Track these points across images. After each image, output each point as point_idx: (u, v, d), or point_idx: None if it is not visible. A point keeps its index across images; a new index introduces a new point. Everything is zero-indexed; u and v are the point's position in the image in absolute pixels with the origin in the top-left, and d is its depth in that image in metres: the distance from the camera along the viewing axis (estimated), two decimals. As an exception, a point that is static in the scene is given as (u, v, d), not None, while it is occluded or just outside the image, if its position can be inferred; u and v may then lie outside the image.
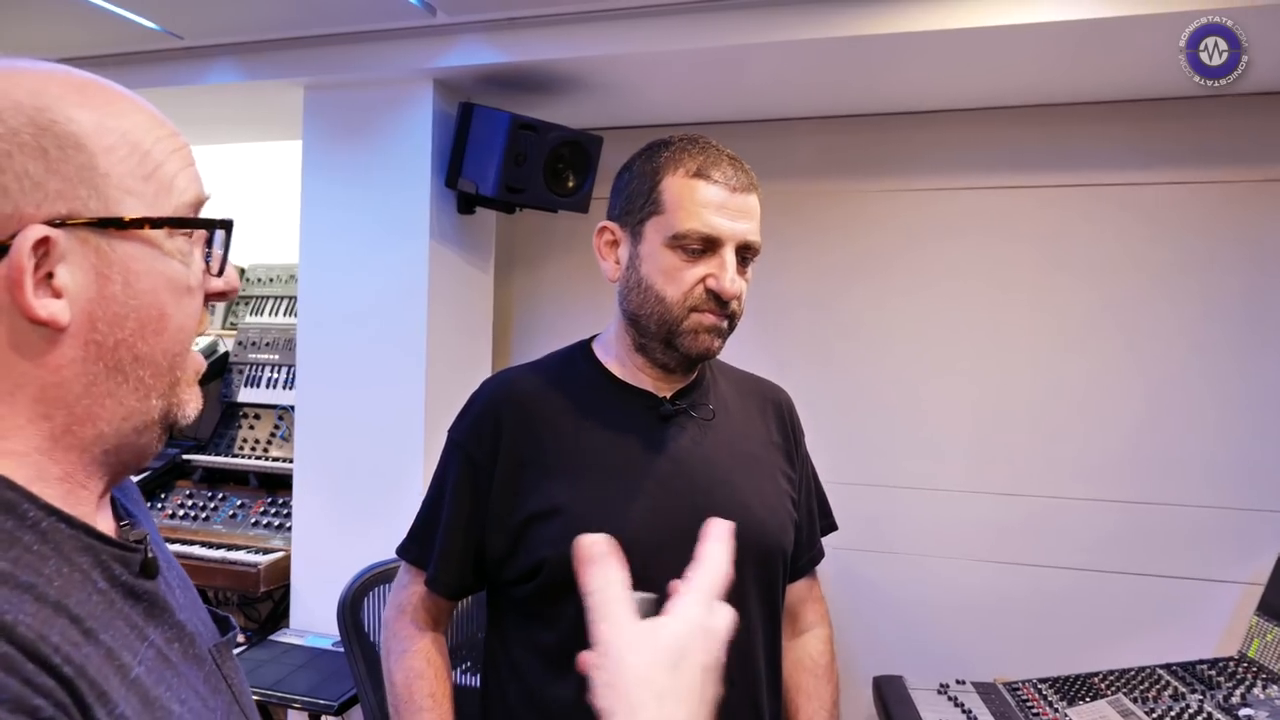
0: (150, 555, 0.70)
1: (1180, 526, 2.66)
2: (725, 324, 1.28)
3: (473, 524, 1.32)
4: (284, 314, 3.26)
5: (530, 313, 3.28)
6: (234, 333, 3.27)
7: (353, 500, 2.75)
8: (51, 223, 0.64)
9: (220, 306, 3.37)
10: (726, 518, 1.27)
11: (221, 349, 3.25)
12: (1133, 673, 2.51)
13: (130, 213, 0.68)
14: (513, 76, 2.61)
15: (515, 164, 2.56)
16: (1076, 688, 2.47)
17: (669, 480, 1.29)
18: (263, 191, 3.53)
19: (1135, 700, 2.31)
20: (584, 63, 2.51)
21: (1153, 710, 2.25)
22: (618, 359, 1.37)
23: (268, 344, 3.18)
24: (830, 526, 1.52)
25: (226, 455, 3.11)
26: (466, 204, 2.75)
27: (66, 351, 0.66)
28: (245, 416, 3.17)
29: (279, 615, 3.05)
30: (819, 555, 1.49)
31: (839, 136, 2.90)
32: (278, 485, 3.06)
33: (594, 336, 1.44)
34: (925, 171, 2.83)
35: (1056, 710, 2.35)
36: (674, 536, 1.27)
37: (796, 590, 1.46)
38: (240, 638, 2.81)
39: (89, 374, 0.67)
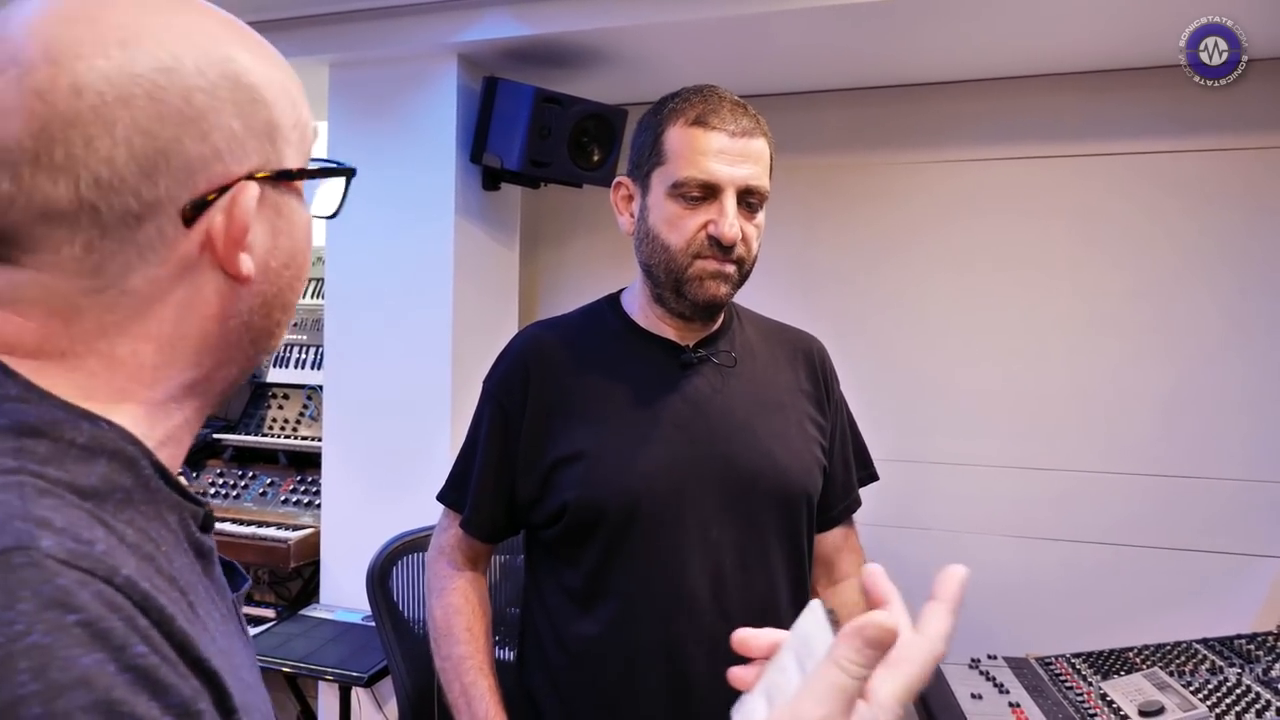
0: (209, 508, 0.69)
1: (1215, 501, 2.62)
2: (731, 269, 1.29)
3: (504, 469, 1.38)
4: (310, 296, 3.28)
5: (555, 289, 3.28)
6: (262, 314, 3.29)
7: (380, 476, 2.76)
8: (251, 177, 0.64)
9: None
10: (746, 462, 1.31)
11: (250, 330, 3.27)
12: (1168, 647, 2.47)
13: (294, 163, 0.69)
14: (536, 50, 2.60)
15: (540, 138, 2.55)
16: (1111, 662, 2.43)
17: (688, 425, 1.31)
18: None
19: (1172, 674, 2.27)
20: (607, 34, 2.50)
21: (1189, 684, 2.21)
22: (641, 310, 1.40)
23: (295, 325, 3.20)
24: (870, 477, 1.51)
25: (256, 435, 3.14)
26: (491, 180, 2.75)
27: (243, 304, 0.66)
28: (274, 397, 3.19)
29: (309, 593, 3.08)
30: (855, 504, 1.47)
31: (867, 109, 2.87)
32: (306, 463, 3.08)
33: (623, 289, 1.47)
34: (955, 142, 2.79)
35: (1090, 684, 2.32)
36: (691, 481, 1.31)
37: (831, 539, 1.45)
38: (271, 613, 2.84)
39: (250, 325, 0.68)
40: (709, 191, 1.27)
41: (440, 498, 1.49)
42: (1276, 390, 2.58)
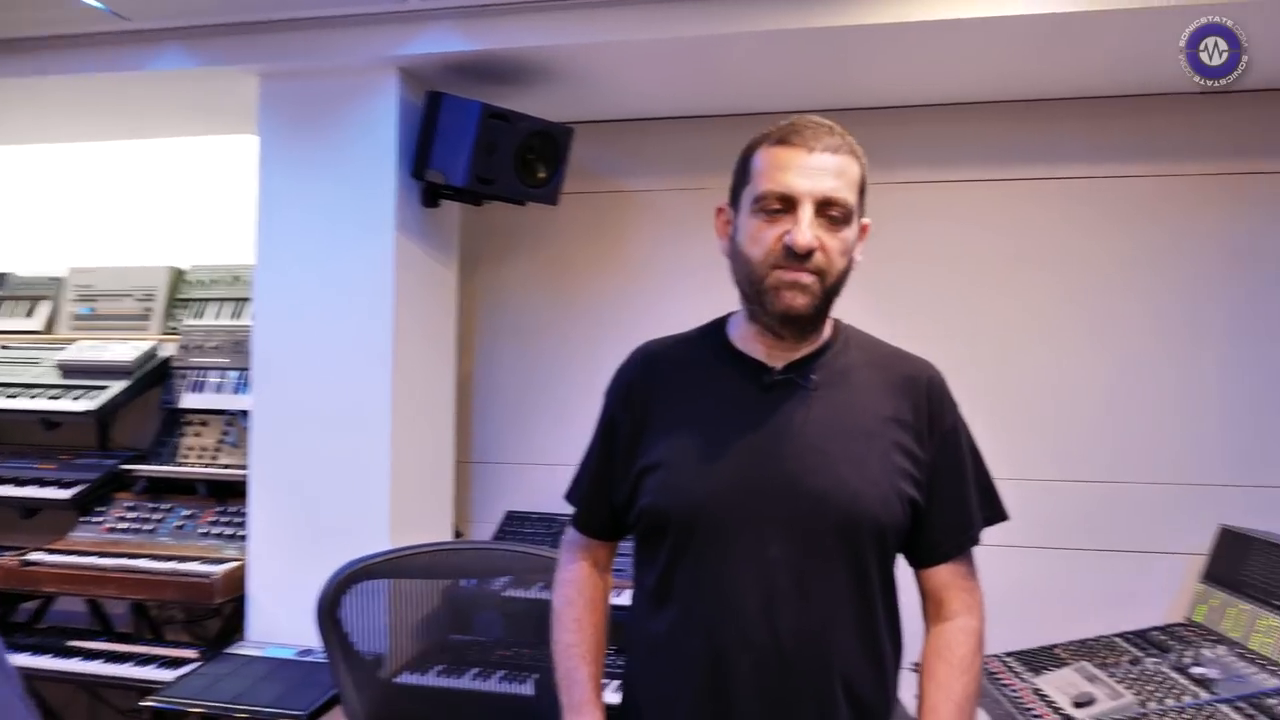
0: None
1: (1127, 503, 2.80)
2: (809, 279, 1.29)
3: (604, 473, 1.48)
4: (229, 317, 3.13)
5: (495, 309, 3.24)
6: (175, 337, 3.12)
7: (314, 504, 2.65)
8: None
9: (158, 310, 3.22)
10: (813, 485, 1.31)
11: (162, 354, 3.09)
12: (1092, 641, 2.61)
13: None
14: (482, 65, 2.58)
15: (486, 154, 2.52)
16: (1041, 658, 2.56)
17: (760, 444, 1.34)
18: (202, 190, 3.39)
19: (1098, 666, 2.40)
20: (556, 51, 2.50)
21: (1114, 675, 2.34)
22: (739, 330, 1.43)
23: (214, 347, 3.04)
24: (997, 517, 1.49)
25: (171, 464, 2.95)
26: (431, 197, 2.70)
27: None
28: (189, 423, 3.01)
29: (230, 631, 2.91)
30: (969, 542, 1.44)
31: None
32: (228, 493, 2.92)
33: (735, 312, 1.49)
34: (902, 165, 2.91)
35: (1025, 680, 2.43)
36: (754, 497, 1.31)
37: (938, 575, 1.43)
38: (193, 653, 2.68)
39: None
40: (787, 204, 1.29)
41: (565, 495, 1.58)
42: (1177, 401, 2.79)
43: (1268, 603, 2.38)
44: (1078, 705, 2.20)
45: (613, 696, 1.53)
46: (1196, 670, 2.29)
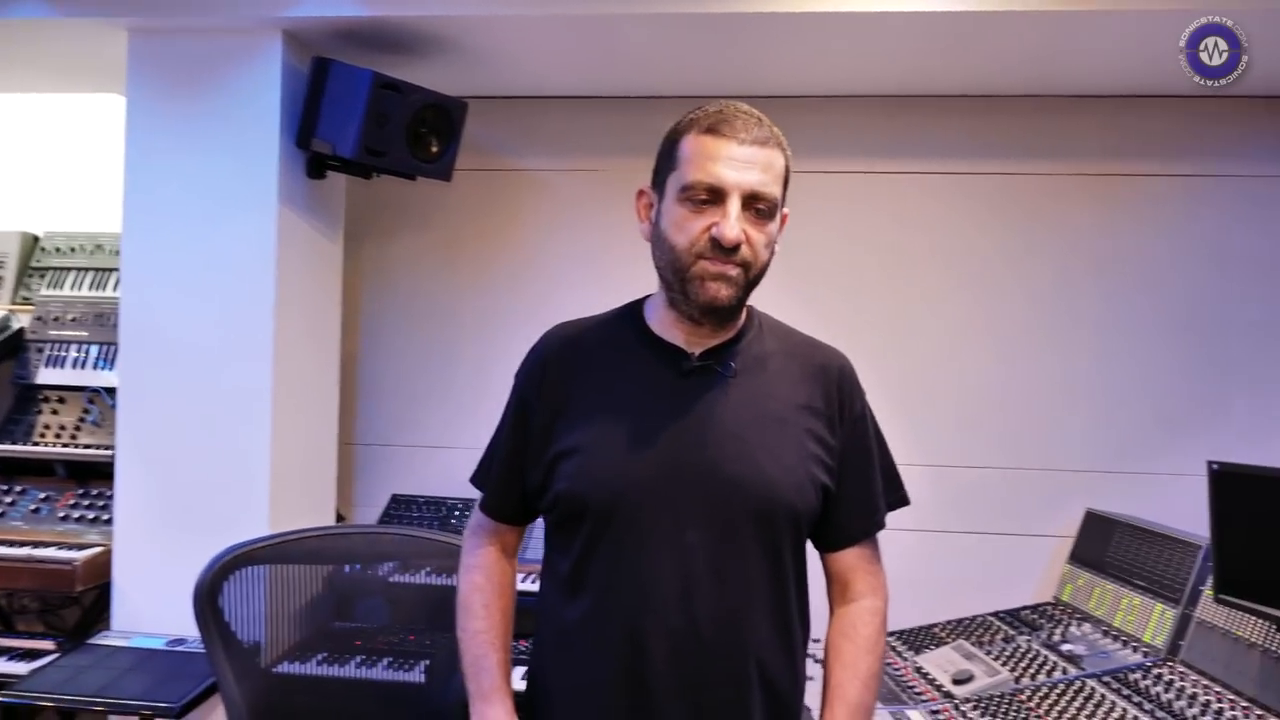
0: None
1: (998, 487, 2.94)
2: (734, 271, 1.30)
3: (516, 457, 1.44)
4: (89, 287, 2.93)
5: (382, 286, 3.14)
6: (29, 308, 2.91)
7: (188, 487, 2.52)
8: None
9: (8, 278, 3.00)
10: (731, 471, 1.32)
11: (15, 325, 2.88)
12: (968, 621, 2.73)
13: None
14: (372, 33, 2.48)
15: (377, 125, 2.44)
16: (921, 638, 2.65)
17: (678, 431, 1.34)
18: (61, 152, 3.17)
19: (974, 644, 2.51)
20: (450, 22, 2.43)
21: (990, 652, 2.45)
22: (657, 315, 1.42)
23: (73, 320, 2.84)
24: (900, 501, 1.52)
25: (24, 444, 2.75)
26: (317, 168, 2.59)
27: None
28: (46, 400, 2.81)
29: (90, 621, 2.75)
30: (874, 526, 1.47)
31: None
32: (90, 475, 2.75)
33: (650, 295, 1.48)
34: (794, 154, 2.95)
35: (905, 659, 2.52)
36: (672, 484, 1.32)
37: (845, 558, 1.46)
38: (49, 644, 2.51)
39: None
40: (715, 195, 1.29)
41: (472, 478, 1.55)
42: (1048, 390, 2.93)
43: (1130, 582, 2.52)
44: (957, 682, 2.29)
45: (519, 685, 1.51)
46: (1065, 647, 2.42)
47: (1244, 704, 2.00)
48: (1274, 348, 2.85)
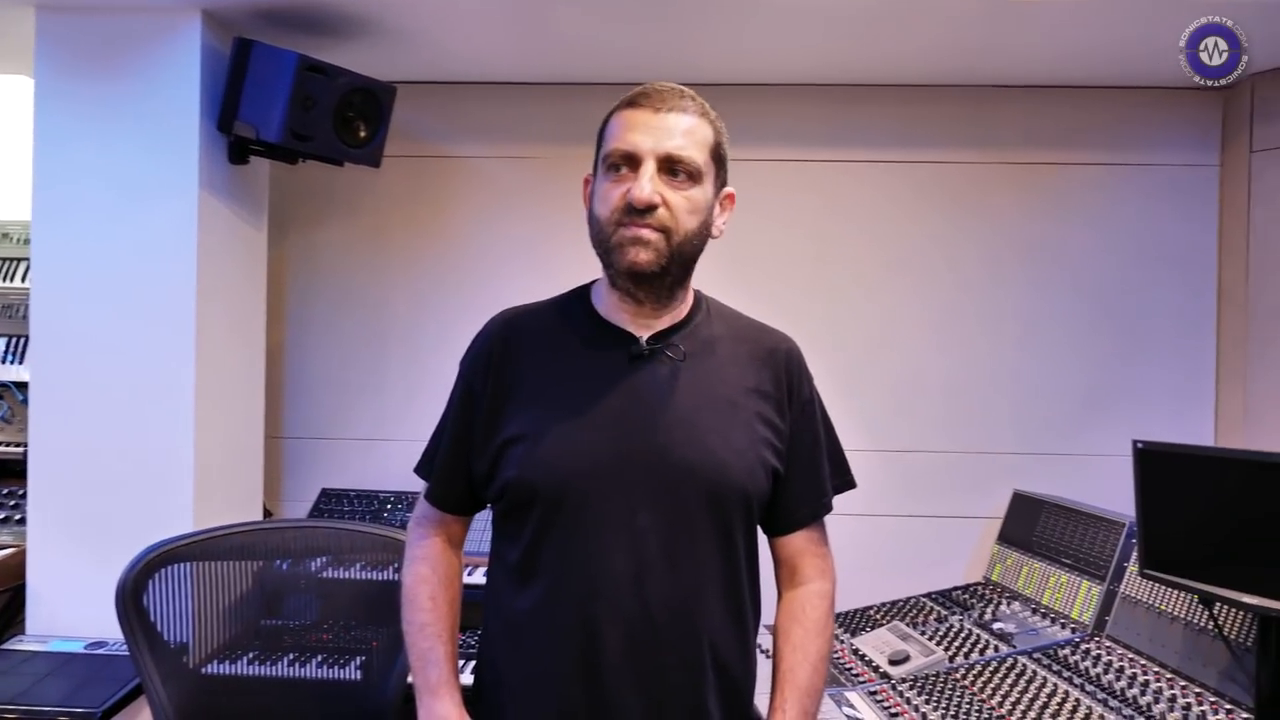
0: None
1: (931, 470, 2.99)
2: (652, 235, 1.28)
3: (462, 445, 1.42)
4: (1, 278, 2.81)
5: (308, 275, 3.06)
6: (-68, 299, 2.78)
7: (107, 485, 2.42)
8: None
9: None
10: (681, 455, 1.31)
11: (-84, 318, 2.75)
12: (901, 602, 2.77)
13: None
14: (296, 13, 2.41)
15: (303, 109, 2.37)
16: (857, 620, 2.69)
17: (628, 416, 1.33)
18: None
19: (909, 625, 2.55)
20: (376, 3, 2.38)
21: (924, 632, 2.49)
22: (603, 298, 1.41)
23: (-19, 311, 2.73)
24: (846, 484, 1.52)
25: (-72, 442, 2.64)
26: (240, 153, 2.51)
27: None
28: (-48, 396, 2.70)
29: (3, 626, 2.63)
30: (822, 509, 1.47)
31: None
32: (1, 473, 2.64)
33: (597, 280, 1.46)
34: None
35: (843, 642, 2.55)
36: (624, 469, 1.31)
37: (793, 542, 1.46)
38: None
39: None
40: (631, 162, 1.29)
41: (416, 469, 1.52)
42: (976, 374, 2.99)
43: (1057, 560, 2.59)
44: (894, 663, 2.32)
45: (466, 679, 1.49)
46: (997, 625, 2.47)
47: (1169, 675, 2.07)
48: (1194, 332, 2.95)
